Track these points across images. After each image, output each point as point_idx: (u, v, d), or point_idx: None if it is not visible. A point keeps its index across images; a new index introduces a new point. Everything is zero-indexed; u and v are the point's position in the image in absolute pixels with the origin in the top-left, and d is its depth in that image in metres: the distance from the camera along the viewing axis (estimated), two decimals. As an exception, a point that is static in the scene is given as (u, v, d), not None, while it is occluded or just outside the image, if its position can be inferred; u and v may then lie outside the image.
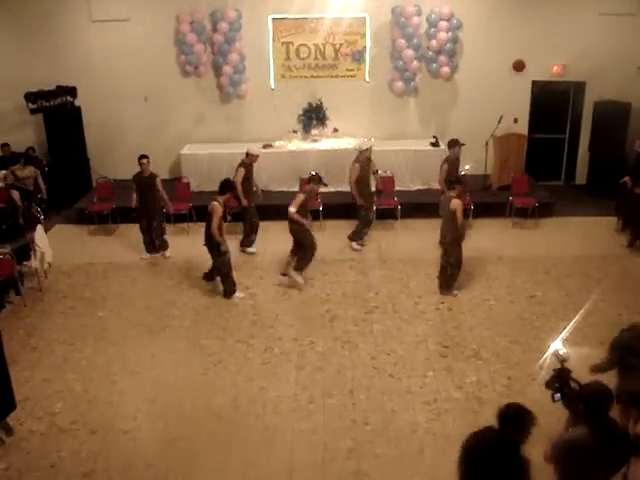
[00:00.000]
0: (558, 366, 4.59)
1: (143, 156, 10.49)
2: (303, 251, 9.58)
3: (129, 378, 7.43)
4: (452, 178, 9.48)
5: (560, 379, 4.48)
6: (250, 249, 10.92)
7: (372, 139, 12.88)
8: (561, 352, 4.59)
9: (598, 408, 4.25)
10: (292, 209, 9.33)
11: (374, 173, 10.96)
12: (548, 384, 4.53)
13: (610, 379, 5.43)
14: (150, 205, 10.50)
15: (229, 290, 9.27)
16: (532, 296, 9.24)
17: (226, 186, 9.22)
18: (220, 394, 7.09)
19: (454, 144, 10.81)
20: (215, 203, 8.91)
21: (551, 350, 4.65)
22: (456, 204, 8.78)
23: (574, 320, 7.92)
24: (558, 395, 4.45)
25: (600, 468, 4.23)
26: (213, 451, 6.20)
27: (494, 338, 8.11)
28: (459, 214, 8.78)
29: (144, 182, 10.47)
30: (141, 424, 6.63)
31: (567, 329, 7.66)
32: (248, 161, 10.62)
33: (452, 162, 10.79)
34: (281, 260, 10.49)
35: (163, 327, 8.57)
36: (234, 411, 6.80)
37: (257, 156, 10.71)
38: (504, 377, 7.25)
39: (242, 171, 10.47)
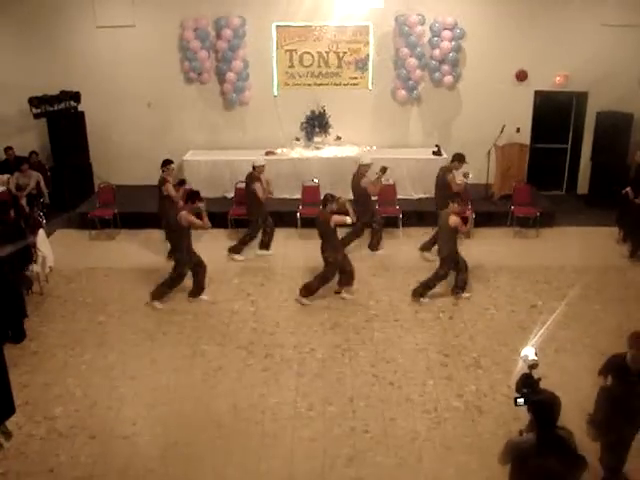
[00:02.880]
0: (526, 371, 4.63)
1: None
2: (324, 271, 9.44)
3: (129, 383, 7.43)
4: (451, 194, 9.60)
5: (527, 385, 4.52)
6: (239, 256, 10.95)
7: (374, 147, 12.93)
8: (530, 358, 4.62)
9: (545, 416, 4.30)
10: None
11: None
12: (518, 389, 4.58)
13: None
14: None
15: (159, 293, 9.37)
16: (533, 306, 9.23)
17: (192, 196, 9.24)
18: (220, 400, 7.08)
19: (458, 159, 10.80)
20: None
21: (521, 355, 4.69)
22: (455, 221, 8.95)
23: (545, 326, 7.98)
24: (521, 400, 4.48)
25: (543, 476, 4.27)
26: (212, 457, 6.20)
27: (495, 347, 8.11)
28: (460, 227, 9.02)
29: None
30: (141, 429, 6.63)
31: (539, 335, 7.69)
32: (257, 173, 10.65)
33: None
34: (282, 267, 10.52)
35: (164, 333, 8.57)
36: (234, 417, 6.79)
37: (263, 166, 10.76)
38: (504, 386, 7.23)
39: (259, 185, 10.58)
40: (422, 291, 9.33)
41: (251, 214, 10.93)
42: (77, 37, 13.39)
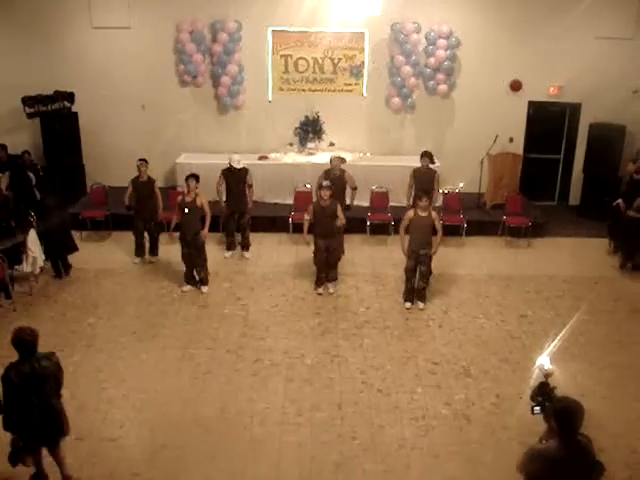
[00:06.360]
0: (542, 380, 4.67)
1: (141, 159, 10.70)
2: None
3: (117, 386, 7.39)
4: (419, 193, 9.63)
5: (543, 393, 4.54)
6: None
7: (367, 154, 12.94)
8: (546, 367, 4.67)
9: (568, 423, 4.30)
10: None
11: (353, 189, 11.07)
12: (532, 397, 4.61)
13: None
14: (149, 209, 10.74)
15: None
16: (523, 315, 9.26)
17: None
18: (208, 404, 7.06)
19: (425, 155, 10.99)
20: None
21: (537, 364, 4.74)
22: (436, 215, 9.17)
23: (560, 335, 8.00)
24: (538, 409, 4.50)
25: None
26: (199, 461, 6.17)
27: (484, 356, 8.12)
28: (437, 223, 9.14)
29: (142, 186, 10.66)
30: (128, 432, 6.60)
31: (554, 344, 7.72)
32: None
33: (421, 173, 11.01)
34: (274, 272, 10.52)
35: (153, 336, 8.54)
36: (221, 422, 6.77)
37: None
38: (493, 395, 7.26)
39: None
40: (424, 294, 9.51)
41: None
42: (72, 38, 13.36)
